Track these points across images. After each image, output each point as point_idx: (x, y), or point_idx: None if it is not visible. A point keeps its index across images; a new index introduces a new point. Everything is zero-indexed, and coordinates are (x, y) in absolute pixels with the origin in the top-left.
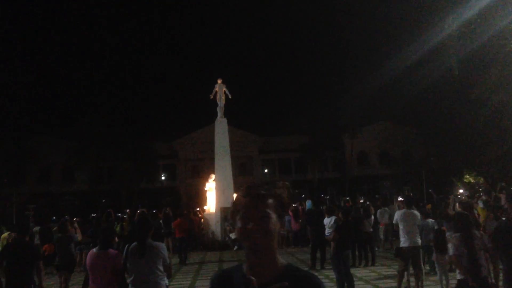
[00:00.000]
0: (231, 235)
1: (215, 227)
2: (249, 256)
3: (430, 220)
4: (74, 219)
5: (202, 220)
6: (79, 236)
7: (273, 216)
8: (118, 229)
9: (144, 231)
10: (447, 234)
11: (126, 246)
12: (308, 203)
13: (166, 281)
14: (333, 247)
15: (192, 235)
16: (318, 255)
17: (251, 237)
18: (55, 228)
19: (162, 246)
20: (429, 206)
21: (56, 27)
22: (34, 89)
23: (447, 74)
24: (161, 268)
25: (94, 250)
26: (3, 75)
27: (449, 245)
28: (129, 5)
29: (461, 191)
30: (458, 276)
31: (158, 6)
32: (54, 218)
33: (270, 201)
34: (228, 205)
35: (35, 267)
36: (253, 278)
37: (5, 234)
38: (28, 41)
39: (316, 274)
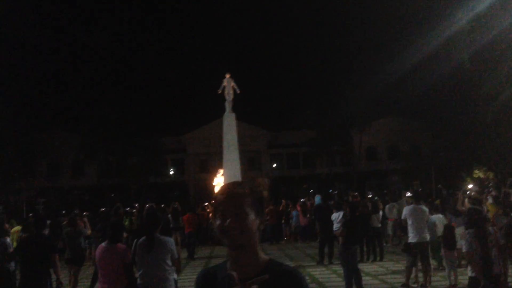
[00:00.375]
0: None
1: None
2: (230, 253)
3: (434, 216)
4: (84, 213)
5: (211, 214)
6: (88, 231)
7: (250, 213)
8: (127, 223)
9: (152, 226)
10: (457, 229)
11: (135, 241)
12: (317, 198)
13: (175, 276)
14: (341, 242)
15: (201, 230)
16: (326, 250)
17: (229, 234)
18: (64, 222)
19: (171, 240)
20: (438, 202)
21: (67, 23)
22: (44, 84)
23: (457, 69)
24: (169, 262)
25: (103, 244)
26: (14, 71)
27: (462, 242)
28: (136, 2)
29: (470, 186)
30: (470, 273)
31: (165, 1)
32: (64, 212)
33: (247, 198)
34: None
35: (51, 261)
36: (234, 273)
37: (16, 228)
38: (38, 36)
39: (324, 269)
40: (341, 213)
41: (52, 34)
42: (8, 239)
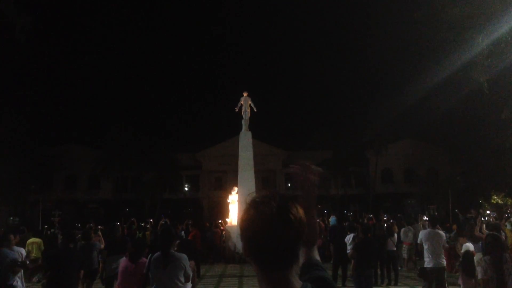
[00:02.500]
0: None
1: (237, 240)
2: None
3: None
4: (98, 227)
5: (224, 232)
6: (102, 245)
7: None
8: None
9: (167, 242)
10: (475, 256)
11: (149, 256)
12: (332, 219)
13: None
14: (353, 265)
15: (214, 247)
16: (340, 272)
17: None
18: (79, 236)
19: (184, 257)
20: (454, 227)
21: (86, 40)
22: (63, 99)
23: (476, 93)
24: (182, 279)
25: (125, 258)
26: (33, 86)
27: (478, 268)
28: (155, 19)
29: (488, 212)
30: None
31: (185, 18)
32: (79, 225)
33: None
34: None
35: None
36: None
37: (32, 239)
38: (56, 52)
39: None
40: (353, 235)
41: (71, 49)
42: (13, 251)
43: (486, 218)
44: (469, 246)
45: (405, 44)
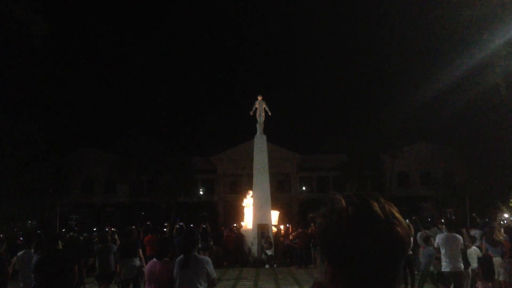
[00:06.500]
0: (267, 251)
1: (252, 244)
2: None
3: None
4: (112, 229)
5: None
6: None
7: None
8: None
9: (190, 244)
10: (494, 259)
11: (175, 258)
12: None
13: None
14: None
15: (228, 251)
16: None
17: None
18: (95, 239)
19: (207, 260)
20: (463, 230)
21: (102, 44)
22: (80, 103)
23: (493, 95)
24: (202, 281)
25: (154, 259)
26: (50, 91)
27: (500, 270)
28: (172, 23)
29: (506, 215)
30: None
31: (201, 23)
32: (95, 229)
33: None
34: (265, 221)
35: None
36: None
37: None
38: (73, 57)
39: None
40: None
41: (88, 54)
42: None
43: (504, 221)
44: (477, 249)
45: (420, 46)
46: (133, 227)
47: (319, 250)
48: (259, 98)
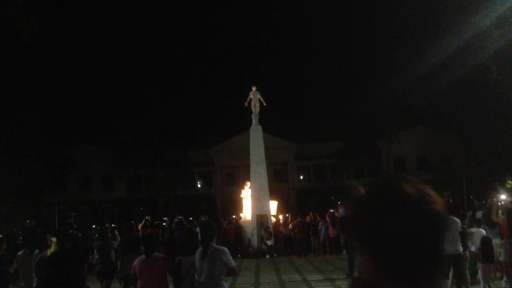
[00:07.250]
0: (267, 241)
1: (251, 235)
2: None
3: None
4: (112, 225)
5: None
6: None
7: None
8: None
9: (207, 235)
10: (493, 241)
11: (197, 250)
12: (342, 210)
13: (225, 285)
14: None
15: (226, 243)
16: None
17: None
18: (96, 236)
19: (224, 250)
20: (470, 213)
21: (96, 40)
22: (75, 100)
23: (487, 77)
24: (222, 271)
25: (143, 256)
26: (46, 87)
27: (501, 251)
28: (163, 16)
29: (503, 196)
30: (504, 284)
31: (192, 14)
32: (94, 226)
33: None
34: (264, 212)
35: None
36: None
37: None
38: (67, 53)
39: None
40: None
41: (82, 50)
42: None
43: (502, 203)
44: (482, 231)
45: (411, 28)
46: (133, 222)
47: (352, 244)
48: (253, 88)
